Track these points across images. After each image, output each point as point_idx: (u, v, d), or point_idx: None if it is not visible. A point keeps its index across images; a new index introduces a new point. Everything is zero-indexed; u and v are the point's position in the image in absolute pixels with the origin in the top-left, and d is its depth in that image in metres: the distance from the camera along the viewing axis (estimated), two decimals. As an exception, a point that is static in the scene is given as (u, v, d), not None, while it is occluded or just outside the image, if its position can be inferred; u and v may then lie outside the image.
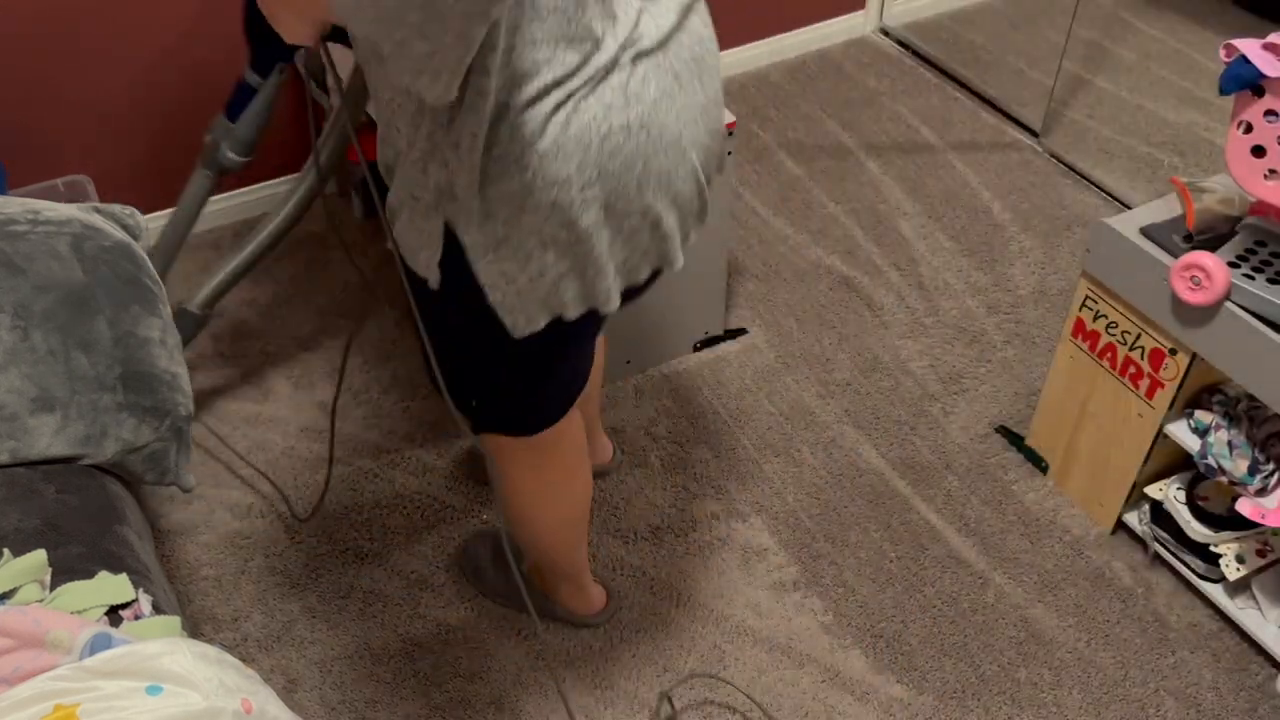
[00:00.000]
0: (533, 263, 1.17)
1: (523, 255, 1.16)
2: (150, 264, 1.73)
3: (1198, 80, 3.01)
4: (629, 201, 1.17)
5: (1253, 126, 1.51)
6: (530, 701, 1.74)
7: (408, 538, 1.97)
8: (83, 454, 1.52)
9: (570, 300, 1.22)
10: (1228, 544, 1.78)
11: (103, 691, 1.10)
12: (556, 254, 1.17)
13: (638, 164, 1.15)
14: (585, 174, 1.12)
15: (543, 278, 1.18)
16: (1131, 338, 1.78)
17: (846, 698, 1.75)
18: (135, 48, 2.29)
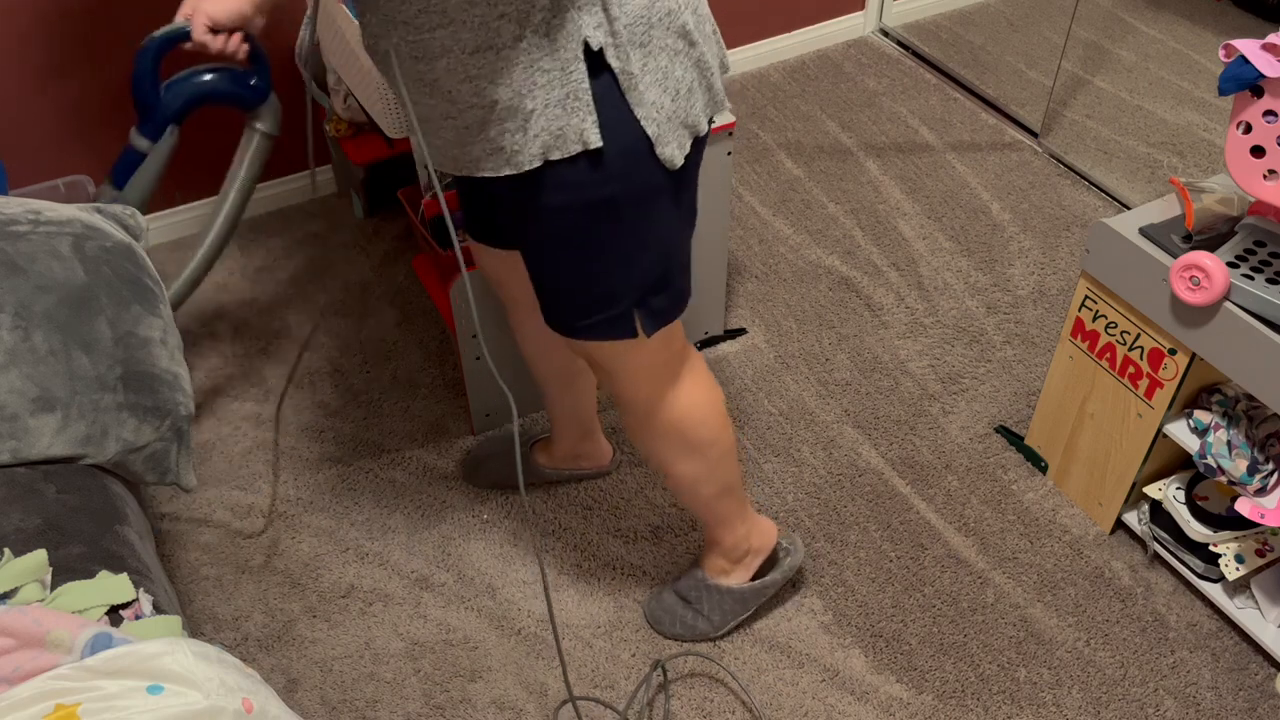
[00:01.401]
0: (670, 80, 1.23)
1: (661, 76, 1.22)
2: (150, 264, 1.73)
3: (1197, 80, 3.01)
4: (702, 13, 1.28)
5: (1252, 127, 1.52)
6: (530, 701, 1.75)
7: (408, 538, 1.97)
8: (83, 454, 1.52)
9: (700, 111, 1.29)
10: (1227, 544, 1.78)
11: (103, 691, 1.10)
12: (683, 66, 1.24)
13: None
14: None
15: (679, 94, 1.24)
16: (1131, 338, 1.78)
17: (846, 698, 1.75)
18: (135, 48, 2.29)
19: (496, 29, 1.15)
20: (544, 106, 1.19)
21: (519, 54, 1.16)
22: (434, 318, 2.38)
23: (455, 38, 1.16)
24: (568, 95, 1.19)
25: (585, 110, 1.20)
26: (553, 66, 1.17)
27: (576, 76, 1.18)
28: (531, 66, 1.17)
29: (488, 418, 2.13)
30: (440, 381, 2.24)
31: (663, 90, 1.23)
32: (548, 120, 1.20)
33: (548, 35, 1.16)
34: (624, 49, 1.18)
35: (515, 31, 1.15)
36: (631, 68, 1.20)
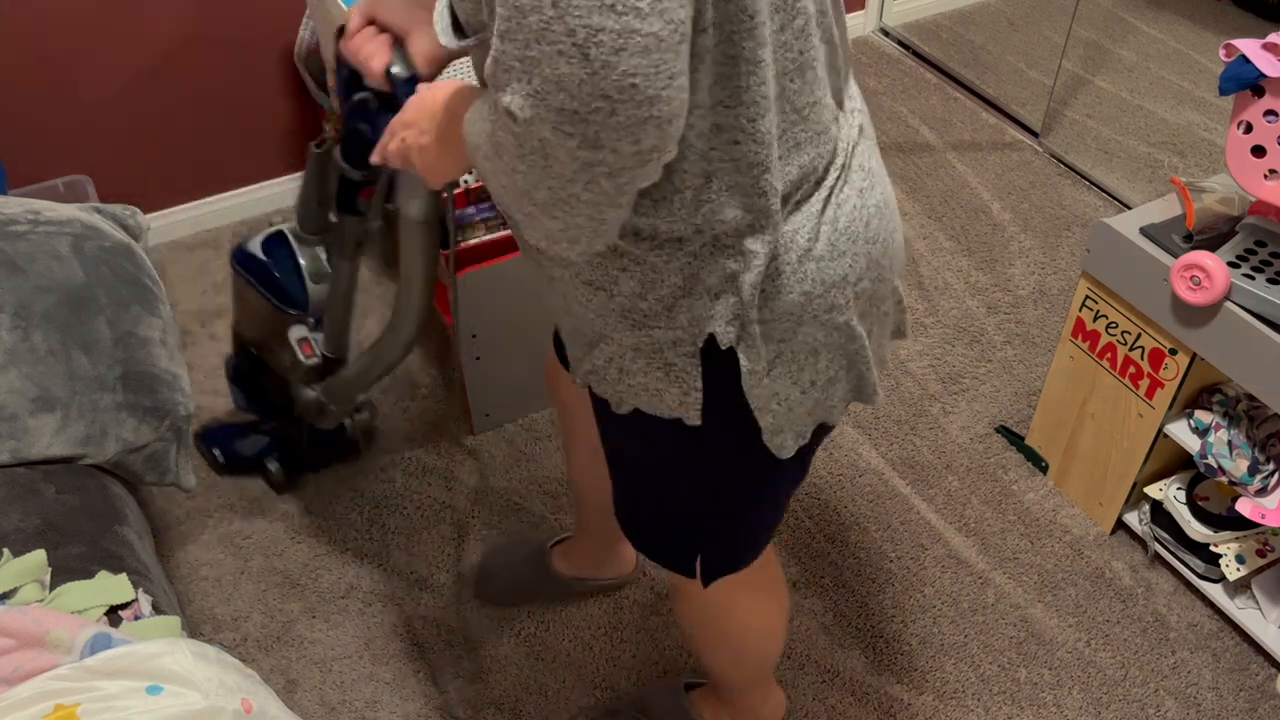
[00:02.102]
0: (805, 373, 1.06)
1: (795, 368, 1.05)
2: (150, 264, 1.73)
3: (1198, 80, 3.01)
4: (885, 284, 1.09)
5: (1253, 126, 1.51)
6: (530, 702, 1.74)
7: (408, 538, 1.97)
8: (83, 454, 1.52)
9: (838, 402, 1.12)
10: (1228, 544, 1.78)
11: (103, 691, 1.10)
12: (828, 358, 1.07)
13: (889, 242, 1.08)
14: (857, 268, 1.03)
15: (814, 387, 1.07)
16: (1131, 338, 1.78)
17: (846, 698, 1.75)
18: (135, 48, 2.29)
19: (615, 278, 1.00)
20: (646, 366, 1.05)
21: (634, 310, 1.01)
22: (434, 318, 2.38)
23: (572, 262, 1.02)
24: (673, 366, 1.04)
25: (690, 387, 1.04)
26: (664, 341, 1.02)
27: (688, 356, 1.03)
28: (641, 327, 1.02)
29: (487, 418, 2.13)
30: (440, 381, 2.24)
31: (793, 383, 1.06)
32: (646, 379, 1.06)
33: (670, 310, 1.00)
34: (756, 346, 1.01)
35: (635, 289, 1.00)
36: (759, 365, 1.02)
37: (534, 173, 0.83)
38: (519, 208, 0.89)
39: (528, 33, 0.75)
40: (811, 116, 0.97)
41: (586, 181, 0.82)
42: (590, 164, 0.80)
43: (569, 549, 1.85)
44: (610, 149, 0.78)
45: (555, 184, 0.83)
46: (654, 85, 0.76)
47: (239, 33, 2.37)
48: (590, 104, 0.76)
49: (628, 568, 1.88)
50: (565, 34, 0.74)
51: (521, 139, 0.81)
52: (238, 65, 2.42)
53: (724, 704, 1.62)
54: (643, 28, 0.74)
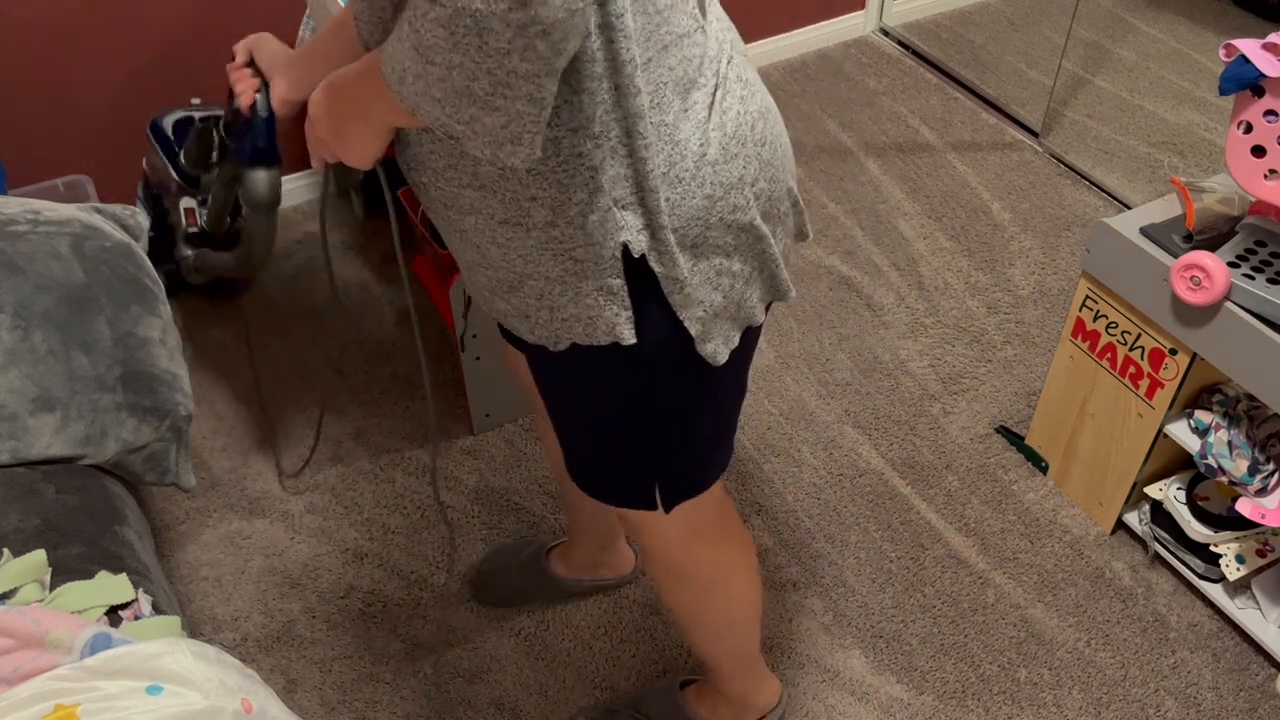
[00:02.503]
0: (723, 277, 1.11)
1: (712, 272, 1.10)
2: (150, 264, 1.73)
3: (1198, 80, 3.01)
4: (779, 184, 1.15)
5: (1253, 126, 1.51)
6: (530, 701, 1.74)
7: (408, 538, 1.97)
8: (83, 454, 1.52)
9: (756, 303, 1.17)
10: (1228, 544, 1.78)
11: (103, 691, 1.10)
12: (740, 260, 1.12)
13: (777, 145, 1.14)
14: (750, 169, 1.09)
15: (733, 290, 1.13)
16: (1131, 338, 1.78)
17: (846, 698, 1.75)
18: (135, 48, 2.29)
19: (528, 209, 1.04)
20: (575, 295, 1.08)
21: (550, 240, 1.05)
22: (434, 318, 2.38)
23: (484, 202, 1.05)
24: (601, 289, 1.08)
25: (620, 305, 1.08)
26: (586, 258, 1.06)
27: (611, 274, 1.07)
28: (563, 254, 1.06)
29: (487, 418, 2.13)
30: (440, 381, 2.24)
31: (713, 288, 1.11)
32: (577, 309, 1.09)
33: (583, 228, 1.04)
34: (670, 253, 1.06)
35: (548, 216, 1.04)
36: (678, 273, 1.07)
37: (470, 57, 0.85)
38: (460, 116, 0.91)
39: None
40: (672, 19, 1.01)
41: (524, 49, 0.84)
42: (524, 25, 0.82)
43: (566, 551, 1.85)
44: (539, 2, 0.81)
45: (493, 63, 0.84)
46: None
47: (239, 33, 2.38)
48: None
49: (627, 568, 1.88)
50: None
51: (453, 21, 0.83)
52: (238, 65, 2.41)
53: (719, 695, 1.62)
54: None
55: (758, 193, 1.11)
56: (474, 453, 2.11)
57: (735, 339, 1.17)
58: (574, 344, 1.12)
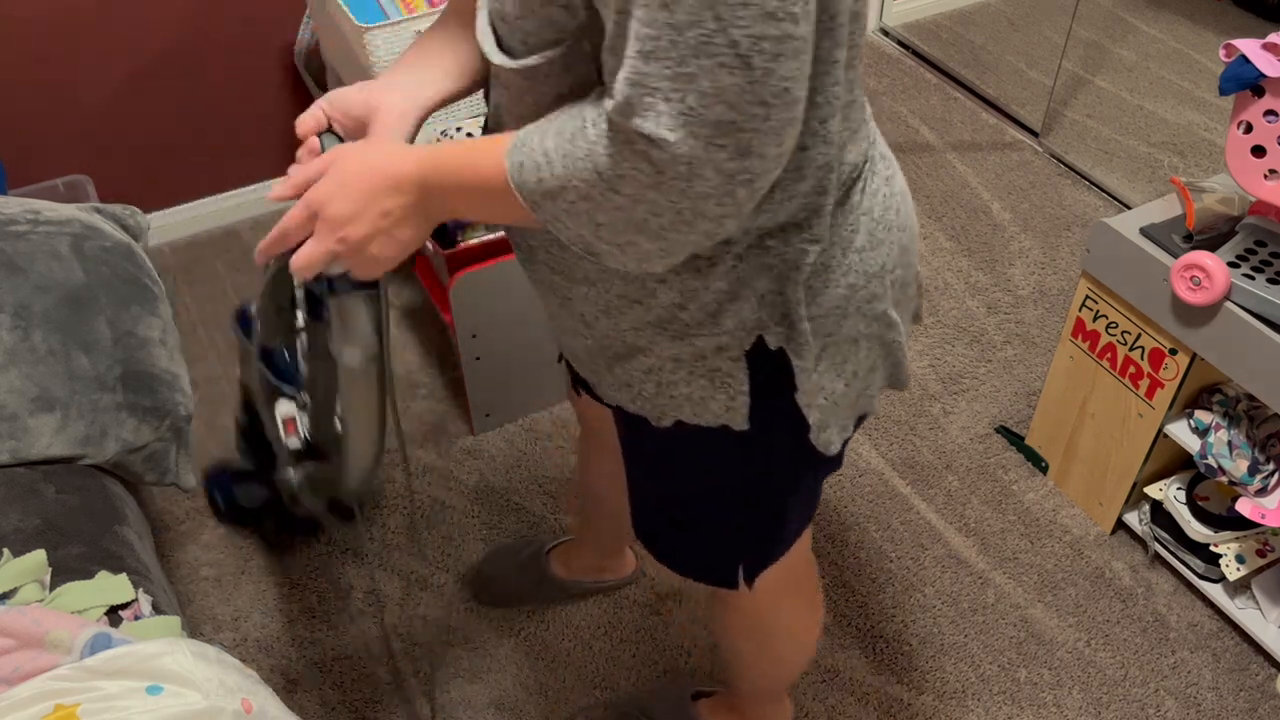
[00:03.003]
0: (849, 365, 1.04)
1: (840, 361, 1.03)
2: (150, 264, 1.73)
3: (1198, 80, 3.01)
4: (912, 269, 1.08)
5: (1253, 126, 1.51)
6: (530, 702, 1.74)
7: (408, 538, 1.97)
8: (83, 454, 1.52)
9: (876, 391, 1.10)
10: (1228, 544, 1.78)
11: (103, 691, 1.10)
12: (868, 348, 1.05)
13: (914, 228, 1.08)
14: (893, 256, 1.03)
15: (856, 378, 1.05)
16: (1131, 338, 1.78)
17: (847, 698, 1.75)
18: (135, 48, 2.29)
19: (653, 290, 0.96)
20: (689, 375, 1.01)
21: (674, 321, 0.97)
22: (434, 318, 2.37)
23: (603, 276, 0.96)
24: (718, 371, 1.00)
25: (737, 390, 1.01)
26: (709, 346, 0.98)
27: (734, 361, 0.99)
28: (684, 338, 0.98)
29: (488, 418, 2.13)
30: (440, 381, 2.24)
31: (838, 376, 1.03)
32: (690, 389, 1.01)
33: (714, 316, 0.96)
34: (805, 344, 0.98)
35: (675, 299, 0.96)
36: (808, 362, 0.99)
37: (667, 197, 0.79)
38: (616, 239, 0.83)
39: (684, 49, 0.73)
40: (857, 108, 0.96)
41: (724, 195, 0.79)
42: (734, 174, 0.78)
43: (569, 553, 1.84)
44: (758, 155, 0.77)
45: (687, 204, 0.79)
46: (800, 86, 0.77)
47: (239, 33, 2.38)
48: (749, 111, 0.75)
49: (628, 570, 1.88)
50: (728, 45, 0.72)
51: (666, 162, 0.77)
52: (237, 65, 2.42)
53: (734, 714, 1.61)
54: (797, 32, 0.74)
55: (894, 280, 1.04)
56: (474, 453, 2.11)
57: (850, 429, 1.10)
58: (679, 421, 1.05)
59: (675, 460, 1.12)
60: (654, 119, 0.75)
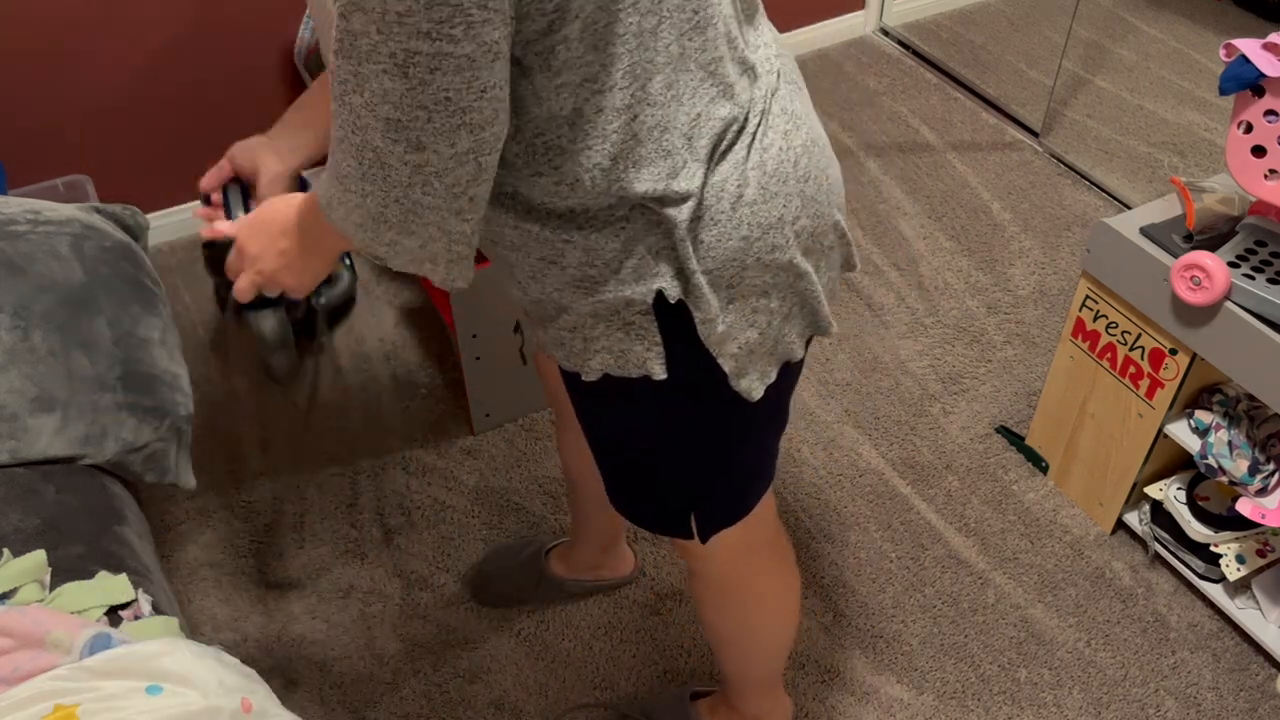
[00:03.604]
0: (759, 315, 1.09)
1: (749, 310, 1.08)
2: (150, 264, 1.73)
3: (1198, 80, 3.01)
4: (824, 219, 1.11)
5: (1253, 126, 1.51)
6: (530, 702, 1.74)
7: (408, 538, 1.97)
8: (83, 454, 1.52)
9: (796, 339, 1.14)
10: (1228, 544, 1.78)
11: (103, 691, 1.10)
12: (779, 298, 1.10)
13: (822, 179, 1.11)
14: (791, 207, 1.07)
15: (770, 326, 1.10)
16: (1131, 338, 1.78)
17: (847, 698, 1.75)
18: (135, 47, 2.29)
19: (561, 250, 1.04)
20: (606, 329, 1.08)
21: (585, 279, 1.05)
22: (434, 318, 2.38)
23: (524, 239, 1.06)
24: (632, 325, 1.07)
25: (650, 342, 1.07)
26: (618, 299, 1.05)
27: (643, 314, 1.06)
28: (594, 293, 1.06)
29: (487, 418, 2.13)
30: (440, 381, 2.24)
31: (749, 325, 1.09)
32: (609, 341, 1.09)
33: (616, 272, 1.04)
34: (703, 296, 1.04)
35: (581, 258, 1.04)
36: (710, 314, 1.05)
37: (378, 187, 0.92)
38: (381, 239, 0.97)
39: (358, 54, 0.85)
40: (719, 72, 1.00)
41: (422, 184, 0.90)
42: (419, 166, 0.89)
43: (567, 552, 1.84)
44: (432, 150, 0.88)
45: (399, 192, 0.91)
46: (465, 98, 0.86)
47: (239, 32, 2.38)
48: (410, 113, 0.86)
49: (627, 568, 1.88)
50: (387, 56, 0.84)
51: (360, 150, 0.90)
52: (238, 65, 2.42)
53: (734, 711, 1.61)
54: (455, 51, 0.84)
55: (799, 230, 1.08)
56: (474, 453, 2.11)
57: (772, 375, 1.14)
58: (606, 374, 1.12)
59: (609, 413, 1.18)
60: (347, 109, 0.89)
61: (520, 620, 1.84)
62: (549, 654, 1.80)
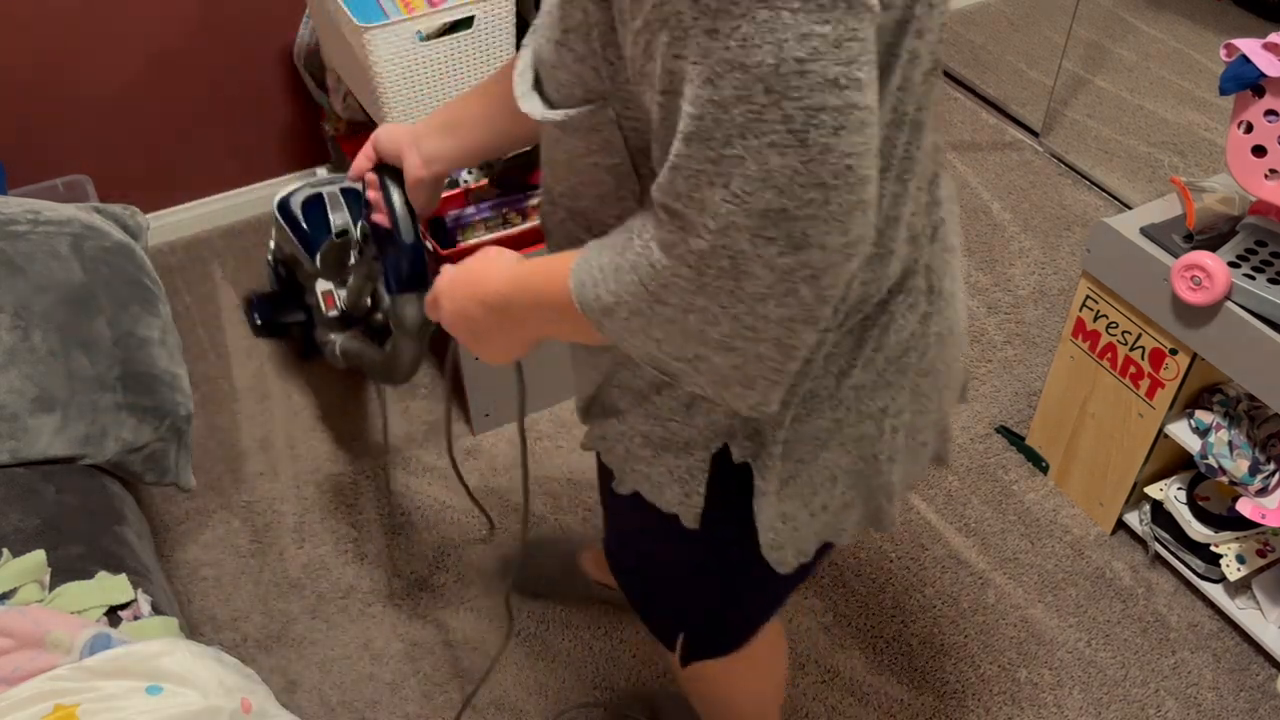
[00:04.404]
0: (818, 497, 0.97)
1: (809, 492, 0.96)
2: (150, 264, 1.73)
3: (1198, 80, 3.01)
4: (926, 416, 0.99)
5: (1253, 126, 1.51)
6: (530, 702, 1.74)
7: (408, 538, 1.97)
8: (83, 454, 1.52)
9: (849, 527, 1.03)
10: (1228, 544, 1.78)
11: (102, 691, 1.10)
12: (846, 485, 0.97)
13: (944, 374, 0.98)
14: (899, 400, 0.94)
15: (824, 510, 0.99)
16: (1132, 338, 1.78)
17: (847, 698, 1.75)
18: (135, 47, 2.29)
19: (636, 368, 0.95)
20: (653, 457, 0.98)
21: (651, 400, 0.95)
22: (434, 318, 2.37)
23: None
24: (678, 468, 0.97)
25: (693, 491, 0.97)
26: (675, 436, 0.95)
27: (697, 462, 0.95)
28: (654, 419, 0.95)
29: (487, 417, 2.13)
30: (440, 381, 2.24)
31: (803, 506, 0.97)
32: (651, 470, 0.99)
33: (686, 409, 0.93)
34: (773, 467, 0.93)
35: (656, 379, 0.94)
36: (772, 485, 0.94)
37: (716, 301, 0.70)
38: (681, 354, 0.75)
39: (728, 128, 0.65)
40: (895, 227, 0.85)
41: (783, 295, 0.69)
42: (791, 271, 0.68)
43: (600, 554, 1.81)
44: (818, 246, 0.67)
45: (742, 309, 0.70)
46: (865, 164, 0.67)
47: (238, 32, 2.38)
48: (803, 197, 0.65)
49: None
50: (780, 121, 0.64)
51: (705, 262, 0.69)
52: (237, 65, 2.42)
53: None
54: (862, 101, 0.65)
55: (897, 425, 0.95)
56: (474, 453, 2.11)
57: (810, 553, 1.03)
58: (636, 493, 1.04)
59: (634, 517, 1.10)
60: (699, 210, 0.68)
61: (520, 620, 1.84)
62: (549, 654, 1.80)
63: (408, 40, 1.89)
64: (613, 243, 0.78)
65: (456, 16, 1.92)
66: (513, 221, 1.99)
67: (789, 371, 0.75)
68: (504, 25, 1.99)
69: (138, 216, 1.80)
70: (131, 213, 1.79)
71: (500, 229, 1.96)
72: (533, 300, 0.87)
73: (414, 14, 1.89)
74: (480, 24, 1.95)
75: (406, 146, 1.19)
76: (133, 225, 1.78)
